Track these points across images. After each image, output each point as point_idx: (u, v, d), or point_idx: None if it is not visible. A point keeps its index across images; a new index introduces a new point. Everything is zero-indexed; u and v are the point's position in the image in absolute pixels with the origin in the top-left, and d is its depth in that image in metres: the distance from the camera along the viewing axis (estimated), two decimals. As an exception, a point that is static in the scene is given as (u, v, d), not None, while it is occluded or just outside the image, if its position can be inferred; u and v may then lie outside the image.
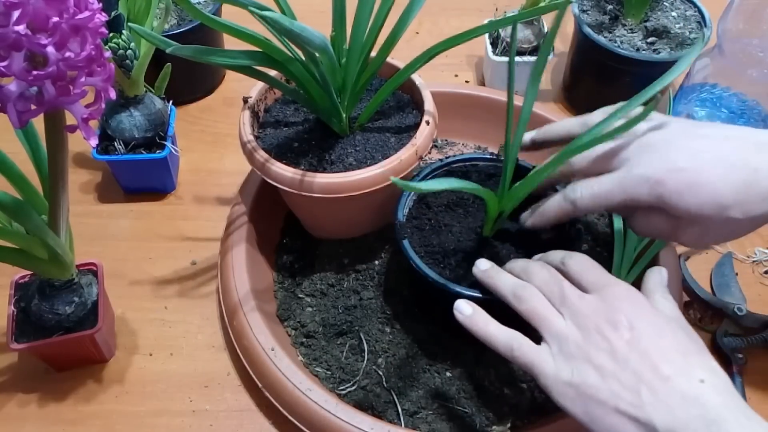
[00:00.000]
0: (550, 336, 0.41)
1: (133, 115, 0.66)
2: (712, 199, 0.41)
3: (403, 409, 0.54)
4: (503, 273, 0.47)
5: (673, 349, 0.39)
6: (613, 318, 0.40)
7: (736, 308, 0.60)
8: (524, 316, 0.43)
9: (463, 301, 0.46)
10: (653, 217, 0.45)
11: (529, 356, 0.41)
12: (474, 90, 0.76)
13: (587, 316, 0.41)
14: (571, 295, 0.43)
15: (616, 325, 0.40)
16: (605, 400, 0.38)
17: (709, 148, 0.43)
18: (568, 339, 0.40)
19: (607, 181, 0.45)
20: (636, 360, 0.38)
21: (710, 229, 0.43)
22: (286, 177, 0.54)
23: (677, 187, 0.42)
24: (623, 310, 0.40)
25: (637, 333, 0.39)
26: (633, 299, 0.42)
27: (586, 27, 0.74)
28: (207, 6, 0.79)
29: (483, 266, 0.48)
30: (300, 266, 0.64)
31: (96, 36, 0.36)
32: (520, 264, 0.48)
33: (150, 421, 0.56)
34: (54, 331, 0.53)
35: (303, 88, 0.54)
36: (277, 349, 0.54)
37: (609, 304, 0.41)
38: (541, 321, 0.42)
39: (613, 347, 0.39)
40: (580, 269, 0.44)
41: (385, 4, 0.54)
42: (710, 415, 0.35)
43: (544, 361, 0.41)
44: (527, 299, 0.43)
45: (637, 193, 0.44)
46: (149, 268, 0.66)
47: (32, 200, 0.50)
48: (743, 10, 0.62)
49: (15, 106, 0.34)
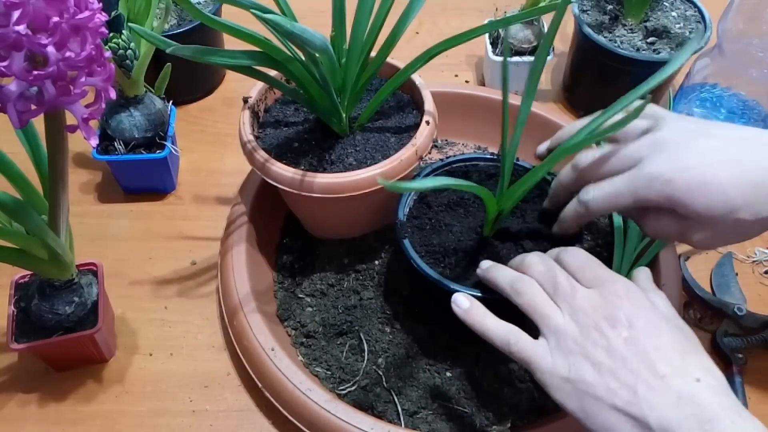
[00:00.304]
0: (548, 330, 0.41)
1: (133, 115, 0.66)
2: (721, 199, 0.41)
3: (403, 409, 0.54)
4: (502, 267, 0.47)
5: (671, 347, 0.39)
6: (611, 315, 0.40)
7: (736, 308, 0.60)
8: (522, 309, 0.43)
9: (461, 294, 0.46)
10: (663, 219, 0.45)
11: (527, 351, 0.41)
12: (474, 90, 0.76)
13: (585, 312, 0.41)
14: (569, 288, 0.42)
15: (615, 322, 0.40)
16: (601, 396, 0.38)
17: (720, 149, 0.43)
18: (566, 334, 0.40)
19: (618, 182, 0.46)
20: (633, 358, 0.38)
21: (720, 230, 0.43)
22: (286, 177, 0.54)
23: (686, 186, 0.42)
24: (622, 308, 0.40)
25: (636, 331, 0.39)
26: (632, 296, 0.42)
27: (586, 27, 0.74)
28: (207, 6, 0.79)
29: (484, 265, 0.48)
30: (300, 266, 0.64)
31: (96, 36, 0.36)
32: (518, 258, 0.48)
33: (150, 421, 0.56)
34: (54, 331, 0.53)
35: (303, 88, 0.54)
36: (277, 349, 0.54)
37: (608, 301, 0.41)
38: (539, 315, 0.42)
39: (611, 344, 0.39)
40: (578, 264, 0.44)
41: (385, 4, 0.54)
42: (705, 414, 0.36)
43: (542, 356, 0.41)
44: (525, 291, 0.43)
45: (647, 193, 0.44)
46: (149, 268, 0.66)
47: (32, 200, 0.50)
48: (743, 10, 0.62)
49: (15, 106, 0.34)
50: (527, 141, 0.54)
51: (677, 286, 0.58)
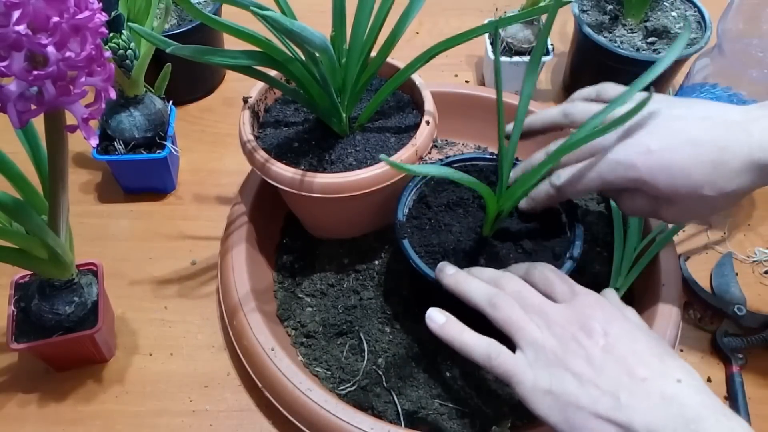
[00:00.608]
0: (526, 344, 0.41)
1: (133, 115, 0.66)
2: (684, 179, 0.44)
3: (403, 409, 0.54)
4: (473, 279, 0.46)
5: (648, 352, 0.39)
6: (587, 325, 0.41)
7: (736, 308, 0.60)
8: (499, 323, 0.43)
9: (435, 309, 0.45)
10: (636, 198, 0.48)
11: (507, 365, 0.41)
12: (474, 90, 0.76)
13: (561, 325, 0.41)
14: (543, 305, 0.43)
15: (591, 332, 0.40)
16: (585, 405, 0.38)
17: (682, 129, 0.45)
18: (545, 347, 0.40)
19: (585, 168, 0.48)
20: (613, 365, 0.39)
21: (688, 206, 0.46)
22: (286, 177, 0.54)
23: (649, 170, 0.44)
24: (596, 318, 0.41)
25: (612, 339, 0.40)
26: (603, 307, 0.42)
27: (586, 27, 0.74)
28: (207, 6, 0.79)
29: (448, 270, 0.48)
30: (300, 266, 0.64)
31: (96, 36, 0.36)
32: (487, 273, 0.47)
33: (150, 421, 0.56)
34: (54, 331, 0.53)
35: (303, 88, 0.54)
36: (277, 349, 0.54)
37: (581, 312, 0.42)
38: (516, 329, 0.42)
39: (589, 354, 0.39)
40: (547, 280, 0.45)
41: (385, 4, 0.54)
42: (689, 413, 0.36)
43: (522, 370, 0.41)
44: (502, 307, 0.43)
45: (613, 177, 0.46)
46: (149, 268, 0.66)
47: (32, 200, 0.50)
48: (743, 10, 0.62)
49: (15, 106, 0.34)
50: (526, 141, 0.54)
51: (677, 286, 0.58)
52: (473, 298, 0.45)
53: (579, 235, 0.53)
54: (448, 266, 0.48)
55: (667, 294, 0.57)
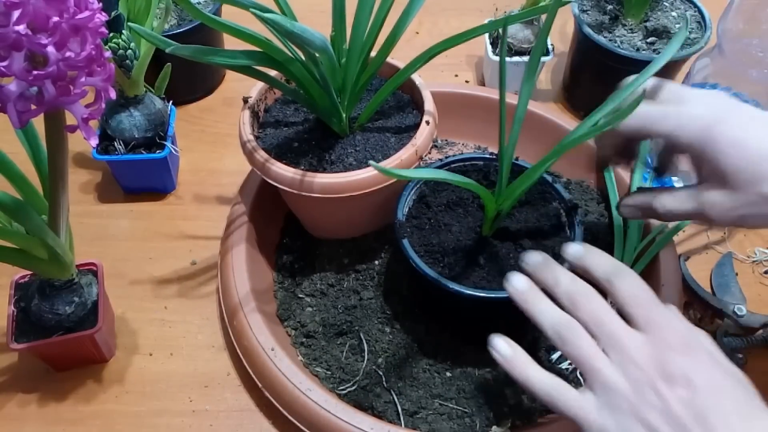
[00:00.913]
0: (597, 385, 0.38)
1: (133, 115, 0.66)
2: (752, 165, 0.41)
3: (403, 409, 0.54)
4: (543, 300, 0.41)
5: (733, 411, 0.36)
6: (667, 370, 0.37)
7: (736, 308, 0.60)
8: (566, 356, 0.40)
9: (501, 339, 0.41)
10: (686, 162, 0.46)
11: (573, 409, 0.38)
12: (474, 90, 0.76)
13: (639, 366, 0.37)
14: (621, 337, 0.38)
15: (671, 379, 0.36)
16: None
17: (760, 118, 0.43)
18: (617, 392, 0.37)
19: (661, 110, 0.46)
20: (691, 422, 0.35)
21: (737, 198, 0.43)
22: (286, 177, 0.54)
23: (724, 139, 0.42)
24: (678, 362, 0.37)
25: (693, 390, 0.36)
26: (690, 345, 0.38)
27: (586, 27, 0.74)
28: (207, 6, 0.79)
29: (519, 285, 0.42)
30: (300, 266, 0.64)
31: (96, 36, 0.36)
32: (564, 284, 0.41)
33: (150, 421, 0.56)
34: (54, 331, 0.53)
35: (303, 88, 0.54)
36: (277, 349, 0.54)
37: (663, 352, 0.37)
38: (588, 369, 0.38)
39: (667, 406, 0.36)
40: (632, 297, 0.40)
41: (385, 4, 0.54)
42: None
43: (588, 411, 0.38)
44: (572, 341, 0.39)
45: (685, 131, 0.44)
46: (149, 268, 0.66)
47: (32, 200, 0.50)
48: (743, 10, 0.62)
49: (15, 106, 0.34)
50: (526, 140, 0.54)
51: (677, 286, 0.58)
52: (540, 324, 0.41)
53: (579, 235, 0.53)
54: (518, 279, 0.42)
55: (667, 294, 0.57)
